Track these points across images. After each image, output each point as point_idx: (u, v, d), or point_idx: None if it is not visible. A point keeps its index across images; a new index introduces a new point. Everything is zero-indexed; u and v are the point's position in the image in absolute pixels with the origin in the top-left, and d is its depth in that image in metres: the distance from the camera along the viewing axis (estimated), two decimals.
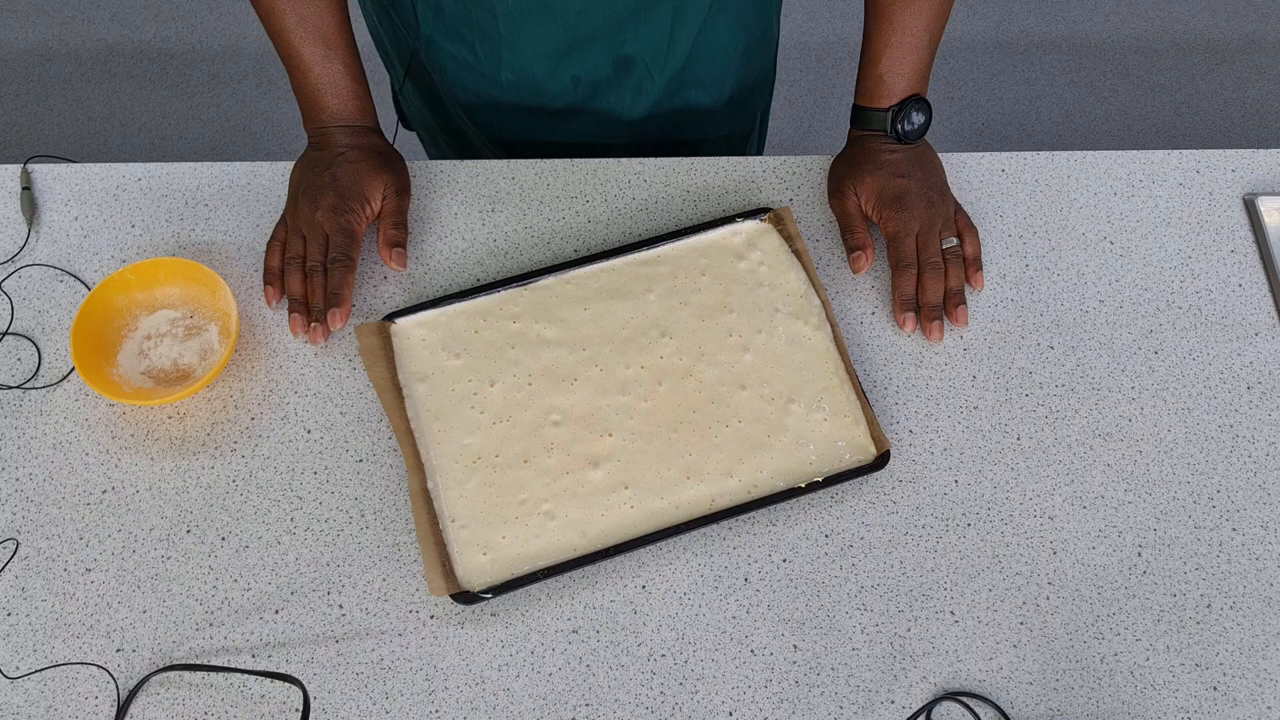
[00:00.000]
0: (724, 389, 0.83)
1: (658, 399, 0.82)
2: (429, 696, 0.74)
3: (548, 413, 0.82)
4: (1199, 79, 2.15)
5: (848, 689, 0.75)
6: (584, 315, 0.85)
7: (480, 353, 0.84)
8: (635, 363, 0.84)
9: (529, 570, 0.76)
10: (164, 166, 0.95)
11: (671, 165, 0.95)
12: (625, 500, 0.79)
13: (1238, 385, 0.86)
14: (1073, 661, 0.76)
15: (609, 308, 0.86)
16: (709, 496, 0.80)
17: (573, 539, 0.78)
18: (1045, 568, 0.79)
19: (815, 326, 0.85)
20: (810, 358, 0.84)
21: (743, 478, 0.80)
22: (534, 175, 0.95)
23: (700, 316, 0.86)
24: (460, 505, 0.78)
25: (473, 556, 0.77)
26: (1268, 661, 0.77)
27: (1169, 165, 0.97)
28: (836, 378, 0.84)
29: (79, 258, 0.91)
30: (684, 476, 0.80)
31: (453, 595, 0.75)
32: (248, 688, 0.74)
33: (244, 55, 2.12)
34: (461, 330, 0.85)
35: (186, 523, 0.80)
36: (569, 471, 0.80)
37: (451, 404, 0.82)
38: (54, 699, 0.74)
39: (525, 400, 0.82)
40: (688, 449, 0.81)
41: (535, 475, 0.79)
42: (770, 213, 0.90)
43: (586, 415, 0.82)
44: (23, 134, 2.02)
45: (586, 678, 0.75)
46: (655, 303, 0.86)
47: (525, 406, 0.82)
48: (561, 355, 0.84)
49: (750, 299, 0.86)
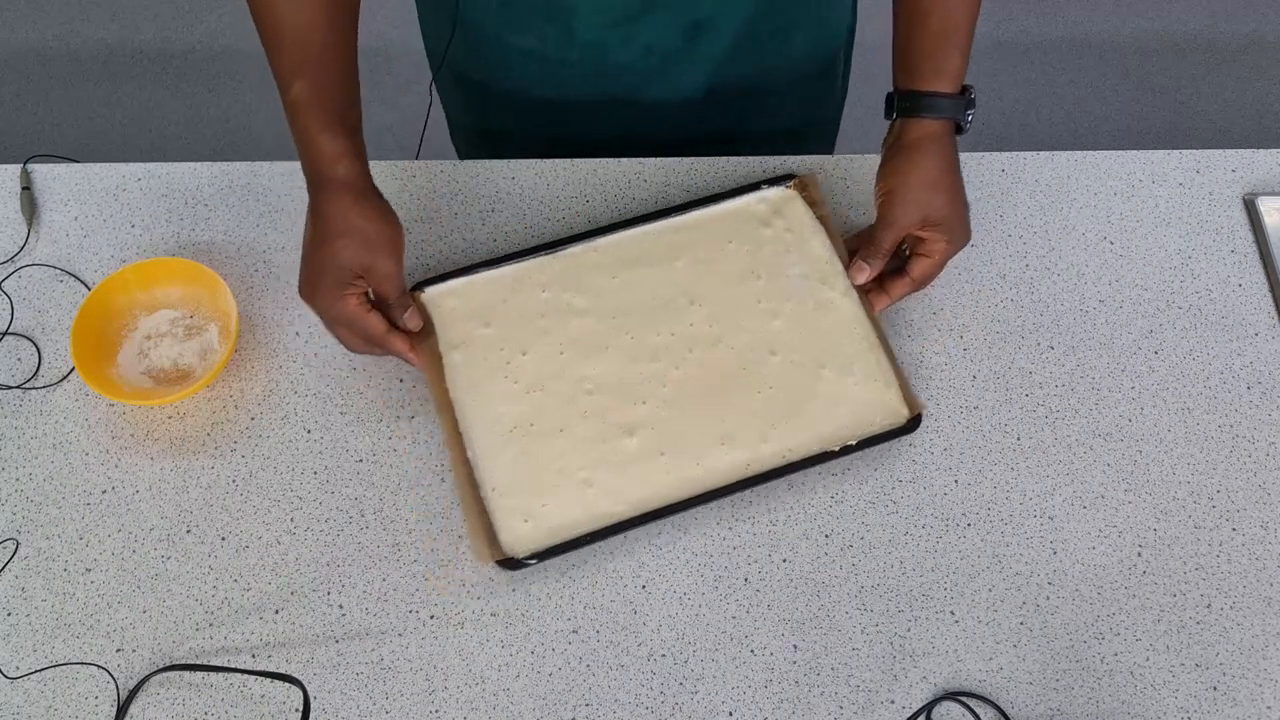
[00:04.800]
0: (754, 355, 0.83)
1: (689, 366, 0.83)
2: (429, 696, 0.74)
3: (580, 381, 0.82)
4: (1199, 79, 2.15)
5: (848, 689, 0.75)
6: (613, 284, 0.86)
7: (510, 322, 0.84)
8: (665, 330, 0.84)
9: (571, 537, 0.77)
10: (164, 166, 0.95)
11: (671, 165, 0.95)
12: (661, 467, 0.79)
13: (1238, 385, 0.86)
14: (1073, 661, 0.76)
15: (637, 275, 0.86)
16: (744, 462, 0.80)
17: (611, 506, 0.78)
18: (1045, 568, 0.79)
19: (842, 293, 0.85)
20: (839, 323, 0.84)
21: (776, 443, 0.80)
22: (534, 175, 0.95)
23: (728, 283, 0.86)
24: (499, 474, 0.79)
25: (515, 524, 0.77)
26: (1268, 661, 0.77)
27: (1169, 165, 0.97)
28: (866, 342, 0.84)
29: (79, 258, 0.90)
30: (718, 442, 0.80)
31: (498, 562, 0.75)
32: (248, 688, 0.74)
33: (244, 55, 2.12)
34: (490, 299, 0.85)
35: (186, 523, 0.80)
36: (604, 440, 0.80)
37: (485, 373, 0.82)
38: (54, 699, 0.74)
39: (558, 369, 0.82)
40: (721, 415, 0.81)
41: (572, 444, 0.80)
42: (796, 179, 0.90)
43: (619, 383, 0.82)
44: (22, 134, 2.02)
45: (586, 678, 0.75)
46: (683, 270, 0.86)
47: (558, 375, 0.82)
48: (591, 324, 0.84)
49: (777, 265, 0.87)
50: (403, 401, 0.85)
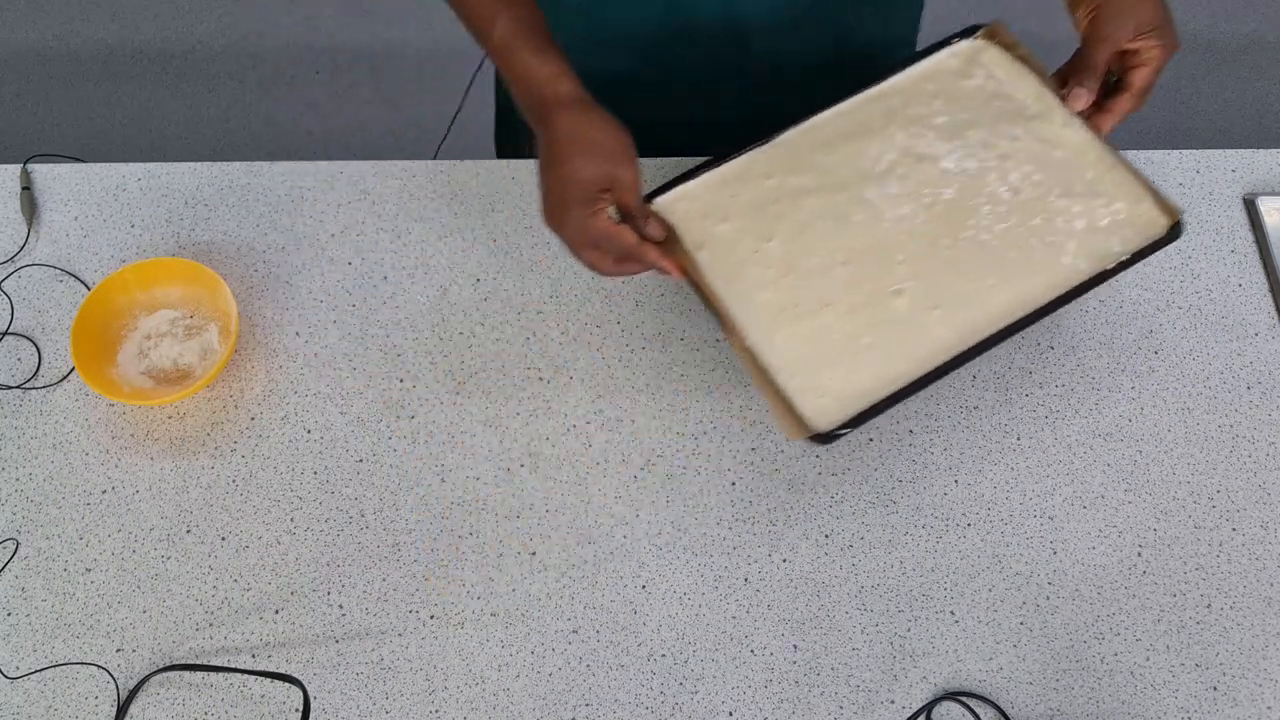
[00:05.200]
0: (996, 196, 0.82)
1: (934, 220, 0.82)
2: (429, 696, 0.74)
3: (831, 254, 0.81)
4: (1199, 79, 2.15)
5: (848, 689, 0.75)
6: (834, 159, 0.85)
7: (746, 213, 0.83)
8: (899, 190, 0.83)
9: (871, 403, 0.75)
10: (164, 166, 0.95)
11: (671, 165, 0.95)
12: (938, 320, 0.78)
13: (1238, 385, 0.86)
14: (1073, 661, 0.76)
15: (856, 146, 0.85)
16: (1018, 300, 0.78)
17: (900, 366, 0.77)
18: (1045, 568, 0.79)
19: (1063, 124, 0.84)
20: (1070, 152, 0.84)
21: (1045, 274, 0.79)
22: (533, 175, 0.94)
23: (947, 138, 0.85)
24: (779, 356, 0.78)
25: (812, 401, 0.76)
26: (1268, 661, 0.77)
27: (1169, 165, 0.97)
28: (1103, 164, 0.83)
29: (79, 258, 0.90)
30: (987, 285, 0.79)
31: (811, 438, 0.74)
32: (248, 688, 0.74)
33: (244, 55, 2.12)
34: (719, 197, 0.84)
35: (186, 523, 0.80)
36: (873, 305, 0.79)
37: (735, 266, 0.81)
38: (54, 699, 0.74)
39: (805, 249, 0.81)
40: (981, 259, 0.80)
41: (840, 316, 0.79)
42: (983, 28, 0.89)
43: (869, 250, 0.81)
44: (22, 134, 2.02)
45: (586, 678, 0.75)
46: (898, 133, 0.85)
47: (807, 254, 0.81)
48: (825, 200, 0.83)
49: (990, 112, 0.86)
50: (403, 401, 0.85)
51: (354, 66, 2.11)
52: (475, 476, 0.82)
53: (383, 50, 2.13)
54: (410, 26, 2.15)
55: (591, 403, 0.85)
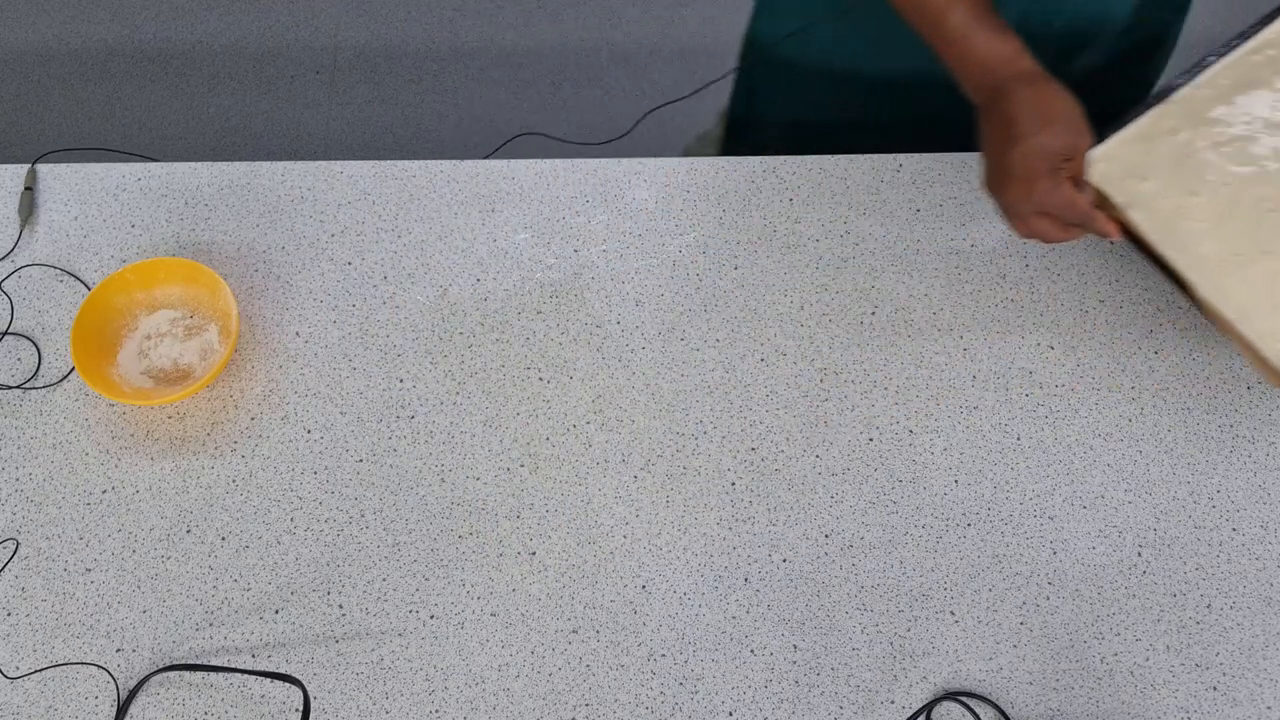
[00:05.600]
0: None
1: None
2: (429, 696, 0.74)
3: (1258, 204, 0.82)
4: None
5: (848, 689, 0.75)
6: (1234, 111, 0.86)
7: (1165, 171, 0.84)
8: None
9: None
10: (164, 166, 0.95)
11: (671, 165, 0.95)
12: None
13: (1238, 385, 0.86)
14: (1073, 661, 0.76)
15: (1250, 98, 0.86)
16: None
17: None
18: (1045, 568, 0.79)
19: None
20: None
21: None
22: (534, 175, 0.95)
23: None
24: (1234, 307, 0.79)
25: (1278, 347, 0.78)
26: (1268, 661, 0.77)
27: None
28: None
29: (79, 257, 0.90)
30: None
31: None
32: (247, 688, 0.74)
33: (244, 55, 2.12)
34: (1134, 156, 0.85)
35: (186, 523, 0.80)
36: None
37: (1168, 222, 0.82)
38: (54, 699, 0.74)
39: (1234, 196, 0.82)
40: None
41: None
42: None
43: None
44: (23, 134, 2.02)
45: (586, 678, 0.75)
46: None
47: (1234, 205, 0.82)
48: (1238, 149, 0.83)
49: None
50: (403, 401, 0.85)
51: (354, 66, 2.11)
52: (475, 476, 0.82)
53: (383, 50, 2.13)
54: (411, 26, 2.15)
55: (591, 403, 0.85)
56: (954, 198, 0.94)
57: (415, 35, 2.14)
